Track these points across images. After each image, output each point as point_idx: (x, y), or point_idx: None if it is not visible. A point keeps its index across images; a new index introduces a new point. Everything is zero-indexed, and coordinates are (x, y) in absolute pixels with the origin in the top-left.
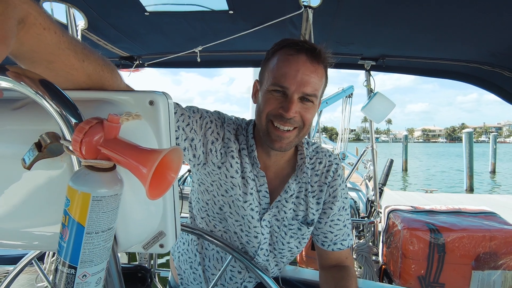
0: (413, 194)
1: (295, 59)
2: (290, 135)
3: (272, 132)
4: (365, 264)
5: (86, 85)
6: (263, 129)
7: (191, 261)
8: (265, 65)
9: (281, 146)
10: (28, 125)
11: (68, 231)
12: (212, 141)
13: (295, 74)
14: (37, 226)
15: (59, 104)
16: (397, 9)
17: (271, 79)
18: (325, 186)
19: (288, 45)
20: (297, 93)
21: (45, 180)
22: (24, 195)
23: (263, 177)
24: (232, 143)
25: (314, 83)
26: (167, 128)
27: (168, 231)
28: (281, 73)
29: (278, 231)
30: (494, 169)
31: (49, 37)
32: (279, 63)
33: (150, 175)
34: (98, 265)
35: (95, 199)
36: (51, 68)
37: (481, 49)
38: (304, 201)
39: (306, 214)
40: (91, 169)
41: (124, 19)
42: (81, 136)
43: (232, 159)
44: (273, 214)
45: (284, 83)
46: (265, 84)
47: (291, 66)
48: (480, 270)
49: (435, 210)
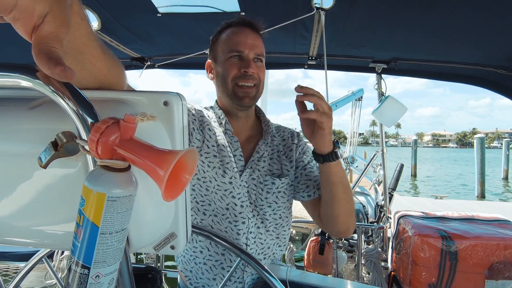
0: (423, 200)
1: (242, 30)
2: (253, 91)
3: (239, 91)
4: (374, 270)
5: (106, 79)
6: (230, 92)
7: (194, 257)
8: (215, 44)
9: (248, 102)
10: (44, 124)
11: (83, 231)
12: (192, 121)
13: (245, 40)
14: (49, 224)
15: (76, 103)
16: (410, 12)
17: (227, 49)
18: (294, 146)
19: (231, 24)
20: (251, 54)
21: (59, 179)
22: (38, 194)
23: (236, 142)
24: (206, 118)
25: (260, 46)
26: (181, 129)
27: (179, 232)
28: (234, 42)
29: (255, 188)
30: (507, 176)
31: (84, 27)
32: (230, 35)
33: (166, 176)
34: (111, 265)
35: (110, 199)
36: (79, 59)
37: (496, 53)
38: (277, 160)
39: (281, 171)
40: (106, 169)
41: (136, 21)
42: (97, 136)
43: (209, 131)
44: (249, 174)
45: (239, 47)
46: (220, 56)
47: (241, 35)
48: (493, 279)
49: (447, 216)
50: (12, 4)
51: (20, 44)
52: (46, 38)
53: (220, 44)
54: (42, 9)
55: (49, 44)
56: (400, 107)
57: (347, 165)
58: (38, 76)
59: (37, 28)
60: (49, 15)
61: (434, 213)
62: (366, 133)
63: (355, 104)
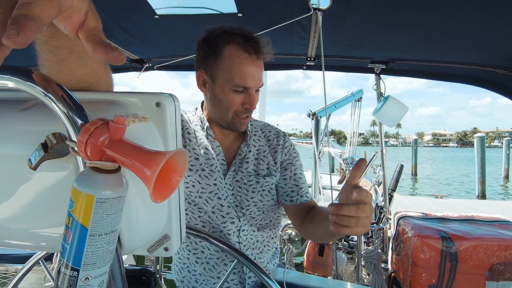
0: (423, 199)
1: (249, 61)
2: (249, 119)
3: (237, 122)
4: (373, 272)
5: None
6: (228, 121)
7: (187, 265)
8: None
9: (244, 128)
10: (35, 126)
11: (72, 233)
12: None
13: (253, 74)
14: (44, 227)
15: (66, 105)
16: (409, 12)
17: (232, 80)
18: (279, 148)
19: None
20: (255, 88)
21: (51, 181)
22: (31, 196)
23: (218, 147)
24: (185, 123)
25: (261, 76)
26: (174, 130)
27: (173, 234)
28: (241, 76)
29: (240, 190)
30: (508, 175)
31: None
32: (237, 66)
33: (154, 177)
34: (101, 268)
35: (99, 201)
36: (82, 56)
37: (495, 52)
38: (263, 160)
39: (268, 171)
40: (95, 170)
41: (134, 23)
42: (86, 137)
43: (188, 135)
44: (233, 176)
45: (246, 84)
46: (222, 82)
47: (250, 68)
48: (494, 280)
49: (447, 217)
50: (71, 3)
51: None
52: (94, 30)
53: (223, 65)
54: (86, 7)
55: (98, 35)
56: (401, 107)
57: (346, 165)
58: (34, 77)
59: (83, 24)
60: (90, 11)
61: (434, 214)
62: (366, 133)
63: (354, 104)
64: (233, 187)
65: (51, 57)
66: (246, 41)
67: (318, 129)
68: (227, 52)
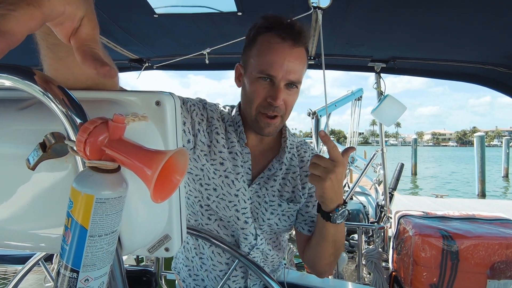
0: (423, 198)
1: (280, 47)
2: (276, 122)
3: (261, 120)
4: (374, 271)
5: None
6: (252, 117)
7: (189, 268)
8: (248, 48)
9: (269, 132)
10: (34, 125)
11: (71, 233)
12: (199, 122)
13: (281, 62)
14: (43, 228)
15: (64, 104)
16: (409, 10)
17: (257, 66)
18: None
19: (271, 28)
20: (283, 81)
21: (50, 181)
22: (30, 197)
23: (247, 154)
24: (216, 121)
25: (298, 70)
26: (174, 129)
27: (173, 234)
28: (267, 62)
29: (258, 207)
30: (507, 174)
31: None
32: (265, 50)
33: (155, 177)
34: (101, 269)
35: (98, 201)
36: None
37: (495, 51)
38: (290, 183)
39: (293, 196)
40: (95, 170)
41: (133, 22)
42: (85, 136)
43: (217, 135)
44: (255, 190)
45: (271, 71)
46: (250, 70)
47: (277, 54)
48: (496, 279)
49: (448, 216)
50: (62, 11)
51: None
52: (86, 40)
53: (254, 51)
54: (81, 13)
55: (90, 46)
56: (399, 106)
57: (347, 164)
58: (32, 76)
59: (76, 31)
60: (85, 18)
61: (435, 213)
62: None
63: (354, 103)
64: (252, 201)
65: (49, 53)
66: (284, 26)
67: (318, 128)
68: (261, 38)
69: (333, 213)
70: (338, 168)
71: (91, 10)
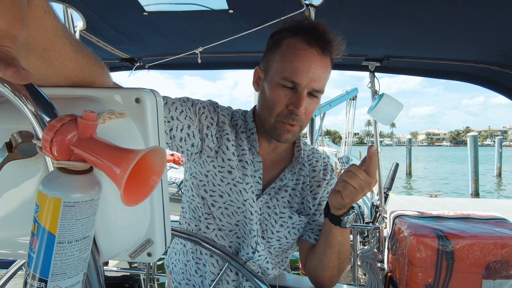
0: (418, 198)
1: (307, 53)
2: (296, 129)
3: (281, 127)
4: (370, 272)
5: (78, 79)
6: (271, 125)
7: (183, 271)
8: (271, 52)
9: (287, 139)
10: (1, 124)
11: (38, 240)
12: (207, 126)
13: (307, 70)
14: (19, 235)
15: (32, 100)
16: (403, 8)
17: (280, 72)
18: (323, 182)
19: (299, 33)
20: (307, 88)
21: (19, 183)
22: (1, 201)
23: (259, 163)
24: (227, 127)
25: (322, 79)
26: (155, 128)
27: (156, 239)
28: (292, 68)
29: (268, 218)
30: (500, 173)
31: (48, 21)
32: (291, 56)
33: (125, 177)
34: (72, 277)
35: (66, 205)
36: (44, 57)
37: (490, 49)
38: (300, 194)
39: (302, 207)
40: (63, 171)
41: (123, 20)
42: (51, 135)
43: (228, 142)
44: (265, 201)
45: (296, 79)
46: (272, 74)
47: (303, 62)
48: (491, 279)
49: (443, 216)
50: None
51: None
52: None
53: (278, 56)
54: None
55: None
56: (396, 105)
57: (342, 165)
58: None
59: None
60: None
61: (430, 213)
62: (361, 133)
63: (349, 103)
64: (262, 213)
65: None
66: (312, 32)
67: (313, 128)
68: (286, 42)
69: (343, 217)
70: (372, 184)
71: (12, 2)
